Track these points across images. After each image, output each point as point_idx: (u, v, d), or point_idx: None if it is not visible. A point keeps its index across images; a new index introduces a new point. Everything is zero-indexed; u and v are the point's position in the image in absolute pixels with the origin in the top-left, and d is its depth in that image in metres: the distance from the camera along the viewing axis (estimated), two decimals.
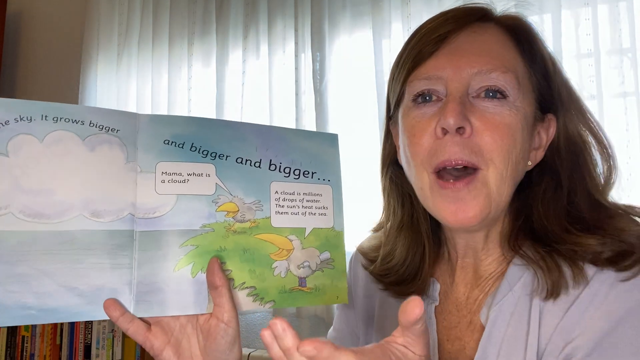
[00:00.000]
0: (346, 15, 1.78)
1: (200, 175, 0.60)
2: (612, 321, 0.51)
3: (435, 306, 0.65)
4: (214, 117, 1.90)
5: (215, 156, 0.61)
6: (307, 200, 0.65)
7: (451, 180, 0.57)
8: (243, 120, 1.84)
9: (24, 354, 1.74)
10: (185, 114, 1.95)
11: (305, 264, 0.64)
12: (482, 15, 0.62)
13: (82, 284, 0.54)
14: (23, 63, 2.43)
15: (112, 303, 0.54)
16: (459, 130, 0.56)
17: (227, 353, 0.58)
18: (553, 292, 0.55)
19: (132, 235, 0.57)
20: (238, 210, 0.61)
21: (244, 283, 0.60)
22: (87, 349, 1.70)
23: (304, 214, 0.65)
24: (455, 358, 0.62)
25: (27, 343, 1.75)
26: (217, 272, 0.57)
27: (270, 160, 0.64)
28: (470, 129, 0.56)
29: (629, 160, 1.35)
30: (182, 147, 0.60)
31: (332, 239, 0.66)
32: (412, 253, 0.67)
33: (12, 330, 1.77)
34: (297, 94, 1.78)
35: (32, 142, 0.54)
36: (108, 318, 0.54)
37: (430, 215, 0.64)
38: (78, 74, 2.13)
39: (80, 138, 0.56)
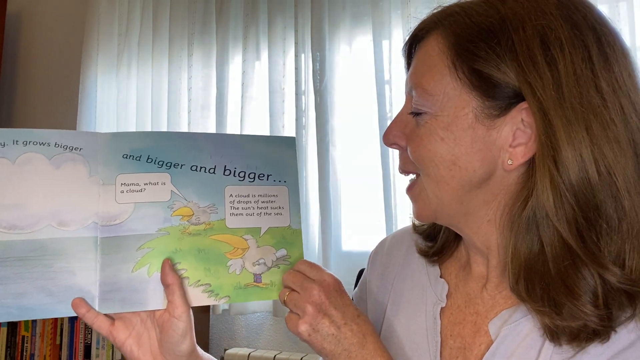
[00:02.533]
0: (346, 15, 1.78)
1: (156, 184, 0.67)
2: None
3: (441, 307, 0.65)
4: (214, 117, 1.91)
5: (170, 166, 0.67)
6: (263, 202, 0.70)
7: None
8: (243, 120, 1.84)
9: (24, 354, 1.74)
10: (186, 114, 1.95)
11: (260, 261, 0.68)
12: (425, 28, 0.60)
13: (52, 285, 0.62)
14: (23, 63, 2.43)
15: (79, 301, 0.62)
16: (394, 146, 0.62)
17: (179, 344, 0.64)
18: (552, 335, 0.53)
19: (96, 241, 0.64)
20: (193, 214, 0.67)
21: (199, 281, 0.66)
22: (87, 349, 1.70)
23: (259, 214, 0.69)
24: (456, 356, 0.62)
25: (27, 343, 1.75)
26: (168, 271, 0.63)
27: (225, 166, 0.69)
28: (404, 144, 0.61)
29: None
30: (139, 160, 0.67)
31: (289, 236, 0.70)
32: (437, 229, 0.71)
33: (12, 330, 1.77)
34: (297, 94, 1.78)
35: (6, 164, 0.63)
36: (76, 315, 0.62)
37: None
38: (78, 74, 2.13)
39: (47, 158, 0.64)
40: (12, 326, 1.76)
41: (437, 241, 0.69)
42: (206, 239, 0.67)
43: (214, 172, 0.69)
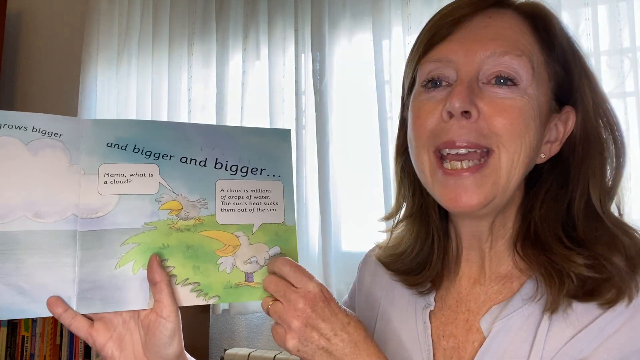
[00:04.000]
0: (346, 15, 1.78)
1: (143, 175, 0.62)
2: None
3: (430, 310, 0.65)
4: (214, 117, 1.90)
5: (158, 156, 0.63)
6: (255, 197, 0.66)
7: (457, 168, 0.57)
8: (242, 120, 1.84)
9: (24, 354, 1.74)
10: (186, 114, 1.95)
11: (252, 260, 0.64)
12: (499, 1, 0.61)
13: (25, 282, 0.57)
14: (23, 63, 2.43)
15: (55, 300, 0.57)
16: (465, 114, 0.55)
17: (167, 347, 0.60)
18: (552, 304, 0.54)
19: (75, 235, 0.59)
20: (182, 208, 0.63)
21: (187, 279, 0.62)
22: (87, 349, 1.70)
23: (251, 210, 0.66)
24: (450, 357, 0.61)
25: (27, 343, 1.74)
26: (155, 268, 0.59)
27: (216, 159, 0.65)
28: (477, 113, 0.55)
29: (629, 160, 1.34)
30: (124, 149, 0.62)
31: (283, 233, 0.66)
32: (420, 242, 0.67)
33: (12, 330, 1.77)
34: (297, 94, 1.78)
35: None
36: (51, 315, 0.57)
37: (439, 205, 0.63)
38: (78, 74, 2.13)
39: (23, 143, 0.59)
40: (12, 326, 1.76)
41: (429, 268, 0.66)
42: (195, 235, 0.63)
43: (204, 165, 0.65)
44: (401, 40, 1.64)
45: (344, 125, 1.75)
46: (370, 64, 1.70)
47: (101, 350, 0.61)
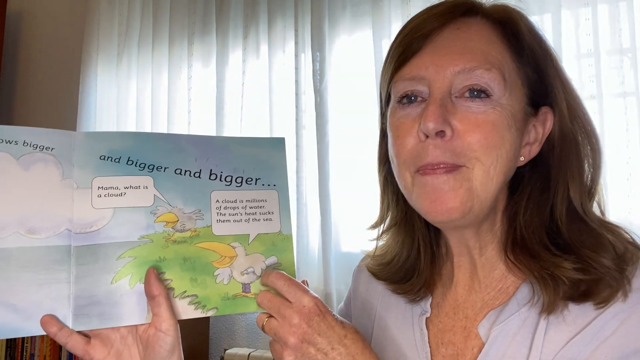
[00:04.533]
0: (346, 15, 1.78)
1: (138, 187, 0.61)
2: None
3: (427, 317, 0.65)
4: (214, 117, 1.91)
5: (152, 168, 0.63)
6: (251, 207, 0.66)
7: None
8: (242, 120, 1.84)
9: (24, 354, 1.74)
10: (186, 114, 1.95)
11: (249, 270, 0.64)
12: (468, 9, 0.60)
13: (19, 300, 0.55)
14: (23, 63, 2.43)
15: (49, 319, 0.56)
16: (440, 133, 0.56)
17: None
18: (549, 307, 0.54)
19: (69, 250, 0.58)
20: (178, 220, 0.62)
21: (185, 292, 0.61)
22: None
23: (247, 220, 0.65)
24: None
25: (27, 343, 1.75)
26: (153, 282, 0.58)
27: (211, 170, 0.65)
28: (451, 132, 0.56)
29: (629, 160, 1.34)
30: (118, 162, 0.61)
31: (279, 243, 0.66)
32: (406, 250, 0.67)
33: None
34: (297, 94, 1.78)
35: None
36: (45, 334, 0.55)
37: None
38: (78, 74, 2.13)
39: (14, 157, 0.58)
40: None
41: (417, 276, 0.66)
42: (192, 246, 0.62)
43: (199, 176, 0.64)
44: None
45: (344, 125, 1.75)
46: (370, 64, 1.70)
47: None
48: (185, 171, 0.64)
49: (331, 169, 1.71)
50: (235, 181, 0.66)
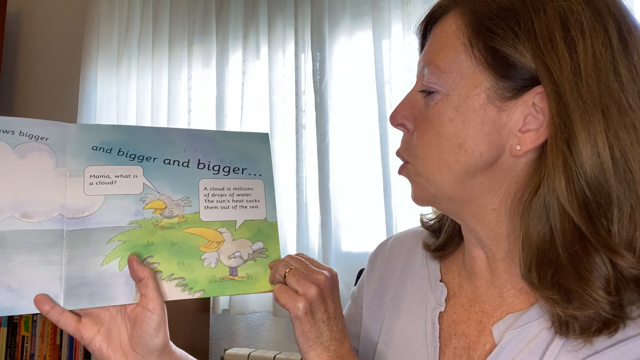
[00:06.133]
0: (346, 15, 1.78)
1: (128, 176, 0.65)
2: None
3: (440, 311, 0.64)
4: (214, 117, 1.91)
5: (142, 159, 0.66)
6: (238, 195, 0.69)
7: None
8: (242, 120, 1.84)
9: (24, 354, 1.74)
10: (186, 114, 1.95)
11: (236, 254, 0.67)
12: (450, 4, 0.58)
13: (13, 280, 0.59)
14: (23, 63, 2.43)
15: (42, 298, 0.59)
16: (401, 127, 0.60)
17: (152, 338, 0.62)
18: (561, 326, 0.52)
19: (62, 234, 0.61)
20: (166, 207, 0.65)
21: (173, 275, 0.64)
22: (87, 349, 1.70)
23: (234, 207, 0.68)
24: (460, 355, 0.60)
25: (27, 343, 1.74)
26: (136, 267, 0.61)
27: (199, 160, 0.68)
28: (412, 126, 0.59)
29: None
30: (109, 152, 0.65)
31: (265, 229, 0.69)
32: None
33: (12, 330, 1.77)
34: (297, 94, 1.78)
35: None
36: (39, 312, 0.59)
37: None
38: (78, 74, 2.13)
39: (10, 146, 0.61)
40: (12, 326, 1.76)
41: (440, 236, 0.68)
42: (180, 232, 0.65)
43: (187, 166, 0.67)
44: (401, 40, 1.63)
45: (344, 125, 1.75)
46: (370, 64, 1.70)
47: (89, 345, 0.63)
48: (174, 161, 0.67)
49: (331, 168, 1.71)
50: (223, 170, 0.69)
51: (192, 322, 1.77)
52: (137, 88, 2.06)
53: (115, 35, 2.12)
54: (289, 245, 1.75)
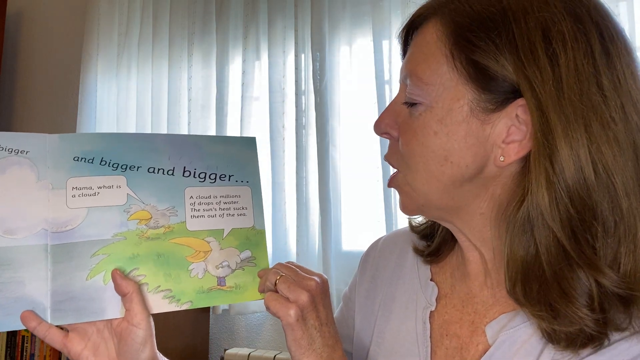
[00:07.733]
0: (346, 15, 1.78)
1: (111, 187, 0.64)
2: None
3: (431, 311, 0.64)
4: (214, 117, 1.91)
5: (125, 168, 0.64)
6: (225, 203, 0.67)
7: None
8: (243, 120, 1.84)
9: (24, 354, 1.74)
10: (186, 114, 1.95)
11: (224, 264, 0.66)
12: (430, 13, 0.58)
13: None
14: (23, 63, 2.43)
15: (29, 314, 0.59)
16: (386, 136, 0.60)
17: (139, 352, 0.61)
18: (549, 338, 0.52)
19: (46, 248, 0.60)
20: (151, 218, 0.64)
21: (159, 287, 0.63)
22: None
23: (221, 215, 0.67)
24: (452, 356, 0.60)
25: (27, 343, 1.75)
26: (120, 282, 0.61)
27: (184, 167, 0.67)
28: (396, 133, 0.59)
29: None
30: (91, 162, 0.64)
31: (253, 237, 0.68)
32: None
33: (12, 330, 1.77)
34: (297, 94, 1.78)
35: None
36: (25, 328, 0.59)
37: None
38: (78, 75, 2.13)
39: None
40: None
41: (433, 241, 0.67)
42: (166, 242, 0.64)
43: (172, 174, 0.66)
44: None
45: (344, 125, 1.75)
46: (370, 64, 1.70)
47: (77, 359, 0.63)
48: (159, 169, 0.66)
49: (331, 168, 1.71)
50: (209, 177, 0.68)
51: (192, 322, 1.77)
52: (137, 88, 2.06)
53: (115, 35, 2.12)
54: (289, 246, 1.75)
